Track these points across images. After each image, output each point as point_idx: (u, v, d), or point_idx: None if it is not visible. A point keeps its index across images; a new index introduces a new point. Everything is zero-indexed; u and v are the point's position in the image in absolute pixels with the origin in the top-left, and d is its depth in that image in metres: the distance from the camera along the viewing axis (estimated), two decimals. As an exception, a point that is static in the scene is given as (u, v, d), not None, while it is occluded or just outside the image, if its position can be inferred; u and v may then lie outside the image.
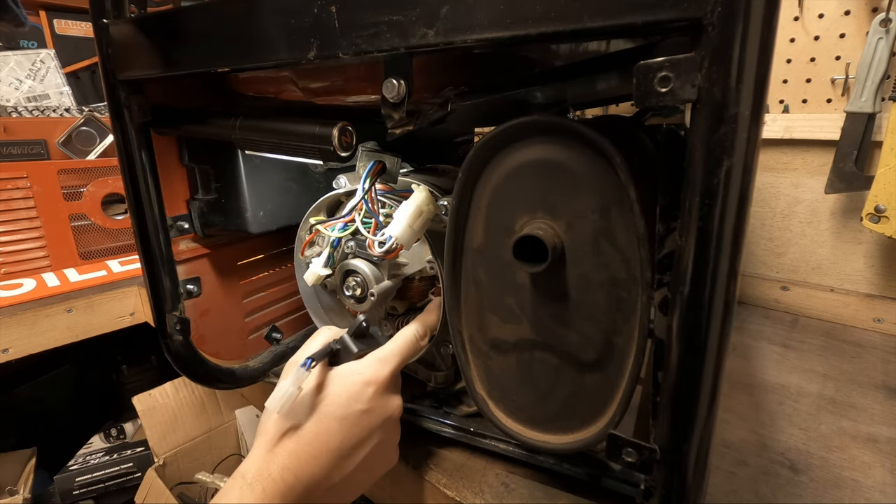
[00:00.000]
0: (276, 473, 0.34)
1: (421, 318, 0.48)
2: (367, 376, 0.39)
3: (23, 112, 0.95)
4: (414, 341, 0.45)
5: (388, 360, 0.41)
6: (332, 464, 0.37)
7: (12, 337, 0.82)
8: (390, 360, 0.42)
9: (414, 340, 0.45)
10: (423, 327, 0.46)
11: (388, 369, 0.41)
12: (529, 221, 0.37)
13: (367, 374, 0.40)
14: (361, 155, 0.48)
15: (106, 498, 1.10)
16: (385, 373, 0.40)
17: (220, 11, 0.39)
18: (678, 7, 0.23)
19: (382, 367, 0.41)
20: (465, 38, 0.29)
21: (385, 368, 0.41)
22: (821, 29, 0.75)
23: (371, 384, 0.39)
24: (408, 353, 0.44)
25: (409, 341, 0.44)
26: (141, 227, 0.51)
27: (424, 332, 0.46)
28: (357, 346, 0.42)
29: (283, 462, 0.35)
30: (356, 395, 0.38)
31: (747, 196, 0.25)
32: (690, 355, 0.27)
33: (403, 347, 0.43)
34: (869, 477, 0.46)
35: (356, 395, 0.38)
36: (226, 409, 1.15)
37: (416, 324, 0.46)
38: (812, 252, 0.82)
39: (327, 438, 0.37)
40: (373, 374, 0.40)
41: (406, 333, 0.45)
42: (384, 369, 0.41)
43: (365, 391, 0.39)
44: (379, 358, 0.41)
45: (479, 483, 0.45)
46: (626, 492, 0.41)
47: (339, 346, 0.41)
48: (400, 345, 0.43)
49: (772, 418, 0.55)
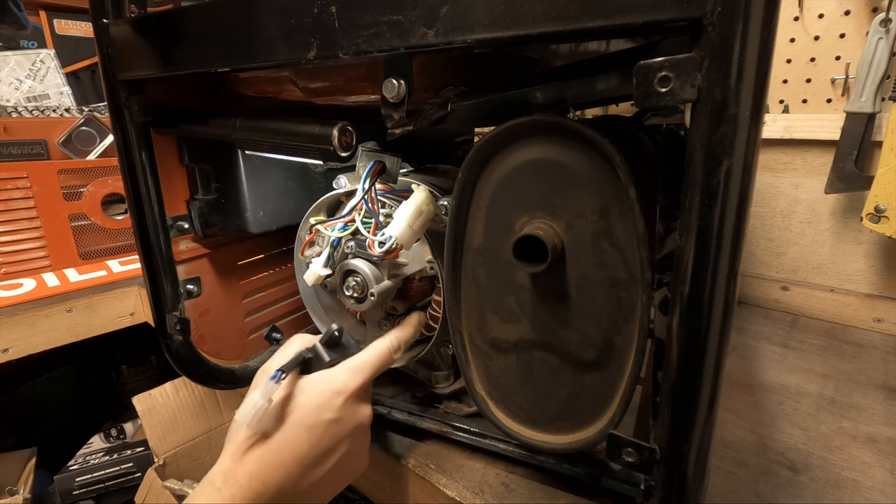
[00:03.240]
0: (243, 480, 0.35)
1: (396, 331, 0.47)
2: (337, 385, 0.39)
3: (23, 112, 0.95)
4: (387, 353, 0.44)
5: (360, 370, 0.41)
6: (300, 472, 0.37)
7: (12, 337, 0.82)
8: (362, 371, 0.41)
9: (387, 352, 0.44)
10: (397, 340, 0.46)
11: (360, 379, 0.41)
12: (529, 221, 0.37)
13: (338, 383, 0.39)
14: (361, 155, 0.48)
15: (106, 498, 1.10)
16: (356, 383, 0.40)
17: (219, 11, 0.39)
18: (678, 7, 0.23)
19: (353, 377, 0.40)
20: (464, 38, 0.29)
21: (356, 378, 0.40)
22: (821, 29, 0.75)
23: (341, 393, 0.39)
24: (380, 365, 0.43)
25: (382, 353, 0.44)
26: (141, 227, 0.51)
27: (398, 346, 0.46)
28: (329, 355, 0.41)
29: (251, 469, 0.35)
30: (325, 404, 0.38)
31: (747, 196, 0.25)
32: (690, 355, 0.27)
33: (376, 358, 0.43)
34: (869, 477, 0.46)
35: (325, 404, 0.38)
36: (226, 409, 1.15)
37: (391, 336, 0.46)
38: (812, 252, 0.82)
39: (295, 446, 0.37)
40: (343, 384, 0.40)
41: (380, 345, 0.45)
42: (355, 379, 0.40)
43: (335, 400, 0.39)
44: (351, 367, 0.41)
45: (479, 483, 0.45)
46: (626, 492, 0.41)
47: (311, 355, 0.41)
48: (373, 356, 0.43)
49: (772, 418, 0.55)
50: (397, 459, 0.49)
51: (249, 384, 0.64)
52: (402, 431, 0.52)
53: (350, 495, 0.98)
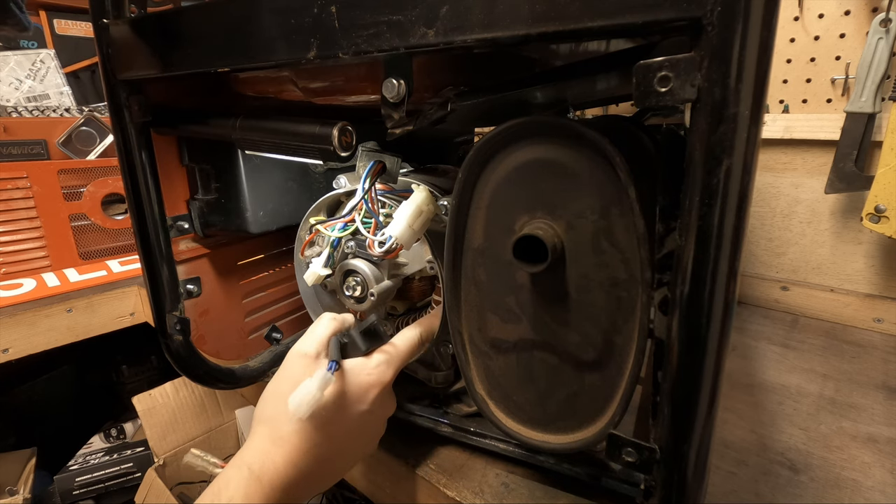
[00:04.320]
0: (280, 466, 0.36)
1: (424, 322, 0.47)
2: (373, 378, 0.40)
3: (23, 112, 0.95)
4: (418, 344, 0.45)
5: (392, 363, 0.42)
6: (327, 458, 0.38)
7: (12, 337, 0.82)
8: (393, 363, 0.42)
9: (418, 343, 0.45)
10: (427, 331, 0.47)
11: (392, 371, 0.42)
12: (529, 221, 0.37)
13: (374, 375, 0.41)
14: (361, 155, 0.48)
15: (106, 498, 1.10)
16: (388, 376, 0.41)
17: (219, 11, 0.39)
18: (678, 7, 0.23)
19: (387, 370, 0.42)
20: (464, 38, 0.29)
21: (389, 371, 0.42)
22: (821, 29, 0.75)
23: (376, 386, 0.40)
24: (410, 356, 0.44)
25: (413, 344, 0.45)
26: (141, 227, 0.51)
27: (427, 337, 0.47)
28: (364, 344, 0.42)
29: (288, 455, 0.36)
30: (361, 395, 0.40)
31: (747, 196, 0.25)
32: (690, 355, 0.27)
33: (408, 350, 0.44)
34: (869, 477, 0.46)
35: (361, 396, 0.40)
36: (226, 409, 1.15)
37: (419, 327, 0.46)
38: (812, 252, 0.82)
39: (328, 436, 0.38)
40: (378, 377, 0.41)
41: (410, 336, 0.45)
42: (388, 372, 0.41)
43: (370, 392, 0.40)
44: (385, 360, 0.42)
45: (479, 483, 0.45)
46: (626, 492, 0.41)
47: (347, 341, 0.42)
48: (404, 347, 0.44)
49: (772, 418, 0.55)
50: (397, 459, 0.49)
51: (249, 384, 0.64)
52: (402, 431, 0.52)
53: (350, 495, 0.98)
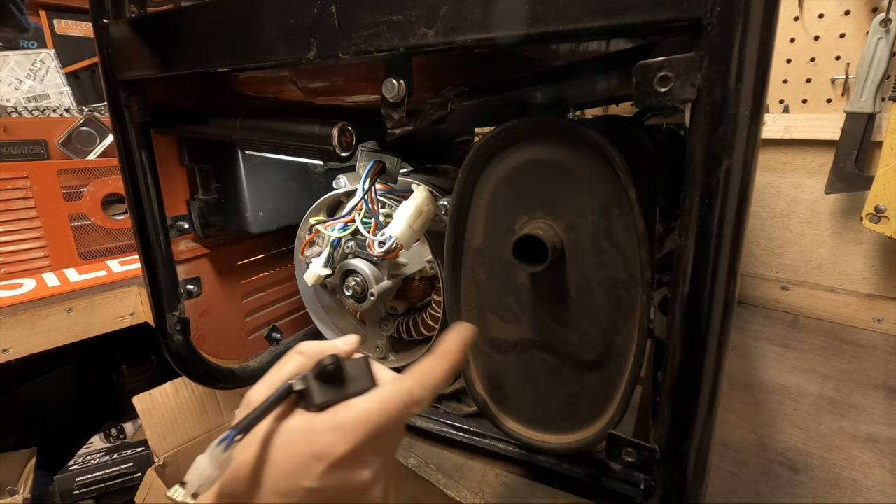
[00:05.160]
0: None
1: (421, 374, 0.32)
2: (316, 448, 0.28)
3: (23, 112, 0.95)
4: (398, 408, 0.30)
5: (348, 432, 0.29)
6: None
7: (12, 337, 0.82)
8: (350, 433, 0.29)
9: (398, 407, 0.30)
10: (421, 388, 0.31)
11: (347, 445, 0.28)
12: (529, 221, 0.37)
13: (317, 445, 0.28)
14: (361, 155, 0.48)
15: (106, 498, 1.10)
16: (341, 450, 0.28)
17: (219, 11, 0.39)
18: (678, 7, 0.23)
19: (338, 442, 0.28)
20: (464, 38, 0.29)
21: (341, 444, 0.28)
22: (821, 29, 0.75)
23: (321, 460, 0.28)
24: (385, 422, 0.30)
25: (390, 409, 0.30)
26: (141, 227, 0.51)
27: (421, 396, 0.31)
28: (321, 395, 0.30)
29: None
30: (302, 469, 0.28)
31: (747, 196, 0.25)
32: (690, 355, 0.27)
33: (377, 415, 0.29)
34: (869, 477, 0.46)
35: (302, 470, 0.28)
36: (226, 409, 1.15)
37: (411, 380, 0.31)
38: (812, 252, 0.82)
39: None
40: (323, 450, 0.28)
41: (390, 396, 0.30)
42: (340, 445, 0.28)
43: (313, 467, 0.28)
44: (337, 425, 0.29)
45: (479, 483, 0.45)
46: (626, 492, 0.41)
47: (303, 387, 0.30)
48: (372, 411, 0.29)
49: (772, 418, 0.55)
50: (397, 459, 0.49)
51: (249, 384, 0.64)
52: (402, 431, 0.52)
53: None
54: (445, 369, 0.33)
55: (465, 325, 0.35)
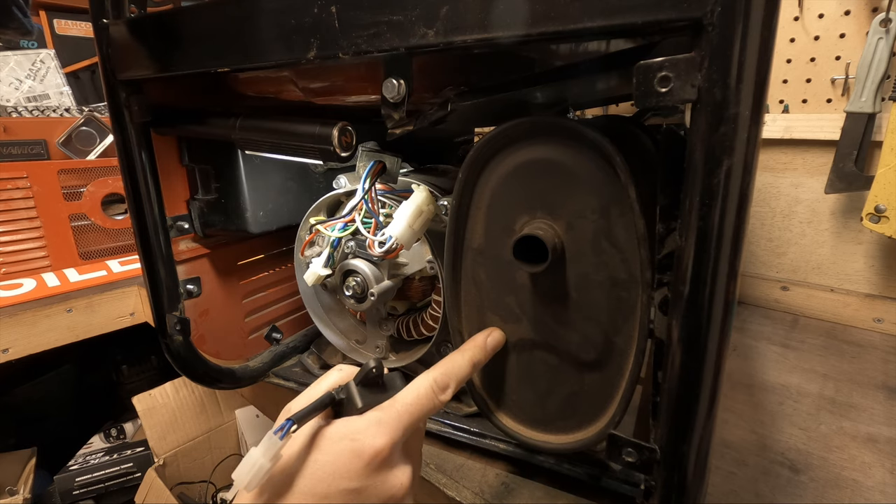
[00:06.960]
0: None
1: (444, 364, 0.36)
2: (358, 445, 0.30)
3: (23, 112, 0.95)
4: (429, 395, 0.34)
5: (389, 424, 0.31)
6: None
7: (12, 337, 0.82)
8: (391, 425, 0.31)
9: (429, 394, 0.34)
10: (444, 375, 0.35)
11: (387, 437, 0.31)
12: (529, 221, 0.37)
13: (359, 442, 0.30)
14: (361, 155, 0.48)
15: (106, 498, 1.10)
16: (381, 442, 0.30)
17: (219, 11, 0.39)
18: (678, 7, 0.23)
19: (379, 434, 0.31)
20: (464, 38, 0.29)
21: (382, 436, 0.31)
22: (821, 29, 0.75)
23: (361, 456, 0.30)
24: (419, 412, 0.33)
25: (421, 396, 0.34)
26: (141, 227, 0.51)
27: (446, 383, 0.35)
28: (363, 398, 0.32)
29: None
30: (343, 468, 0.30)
31: (747, 196, 0.25)
32: (690, 355, 0.27)
33: (412, 406, 0.33)
34: (869, 477, 0.46)
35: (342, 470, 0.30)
36: (226, 409, 1.15)
37: (436, 371, 0.35)
38: (812, 252, 0.82)
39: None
40: (365, 444, 0.30)
41: (419, 386, 0.34)
42: (381, 437, 0.31)
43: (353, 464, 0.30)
44: (377, 420, 0.31)
45: (479, 483, 0.45)
46: (626, 492, 0.41)
47: (344, 396, 0.33)
48: (408, 402, 0.33)
49: (772, 418, 0.55)
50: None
51: (249, 384, 0.64)
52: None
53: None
54: (469, 361, 0.37)
55: (496, 330, 0.41)
